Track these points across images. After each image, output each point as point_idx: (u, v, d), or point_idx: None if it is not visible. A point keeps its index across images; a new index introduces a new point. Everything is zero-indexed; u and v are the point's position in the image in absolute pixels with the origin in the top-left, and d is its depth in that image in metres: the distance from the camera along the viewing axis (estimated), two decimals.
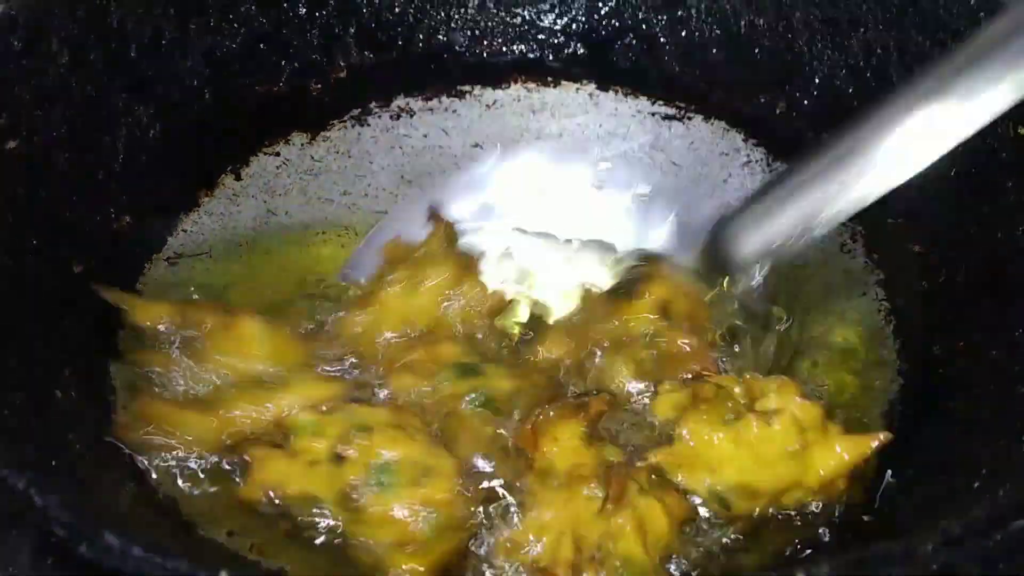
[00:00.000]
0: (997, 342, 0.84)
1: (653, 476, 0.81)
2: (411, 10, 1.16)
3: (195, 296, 0.98)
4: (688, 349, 0.91)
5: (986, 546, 0.59)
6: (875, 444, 0.80)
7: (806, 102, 1.08)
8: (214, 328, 0.89)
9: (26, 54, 0.90)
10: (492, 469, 0.82)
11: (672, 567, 0.78)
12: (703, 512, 0.80)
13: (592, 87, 1.18)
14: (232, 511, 0.81)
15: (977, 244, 0.91)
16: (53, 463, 0.71)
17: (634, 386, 0.89)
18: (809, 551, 0.77)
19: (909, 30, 1.00)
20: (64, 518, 0.58)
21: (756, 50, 1.10)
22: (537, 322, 0.99)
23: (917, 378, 0.91)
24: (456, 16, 1.17)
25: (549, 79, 1.18)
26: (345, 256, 1.05)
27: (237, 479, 0.82)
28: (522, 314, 1.01)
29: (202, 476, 0.83)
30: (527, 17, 1.17)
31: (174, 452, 0.82)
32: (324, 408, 0.83)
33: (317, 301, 0.98)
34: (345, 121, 1.15)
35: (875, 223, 1.01)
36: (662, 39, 1.14)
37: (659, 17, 1.14)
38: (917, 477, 0.79)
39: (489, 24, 1.18)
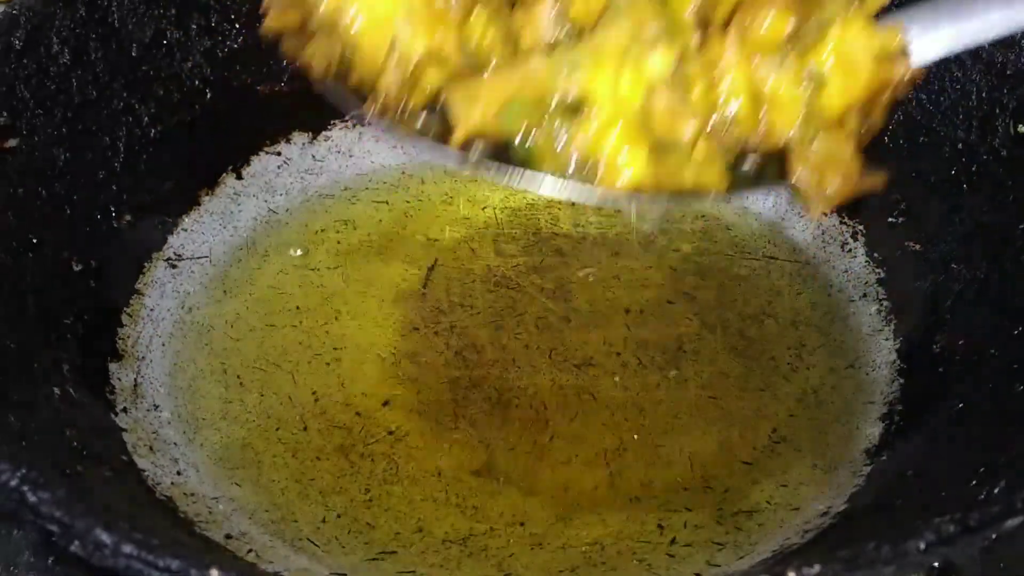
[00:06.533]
0: (997, 341, 0.84)
1: None
2: None
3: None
4: None
5: (982, 544, 0.59)
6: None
7: None
8: None
9: (27, 53, 0.90)
10: None
11: None
12: None
13: None
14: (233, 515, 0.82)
15: (978, 243, 0.91)
16: (50, 461, 0.71)
17: None
18: (800, 548, 0.76)
19: None
20: (56, 515, 0.58)
21: None
22: None
23: (917, 378, 0.90)
24: None
25: None
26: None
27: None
28: None
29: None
30: None
31: None
32: None
33: None
34: (347, 121, 1.15)
35: (876, 222, 1.01)
36: None
37: None
38: (914, 475, 0.79)
39: None
